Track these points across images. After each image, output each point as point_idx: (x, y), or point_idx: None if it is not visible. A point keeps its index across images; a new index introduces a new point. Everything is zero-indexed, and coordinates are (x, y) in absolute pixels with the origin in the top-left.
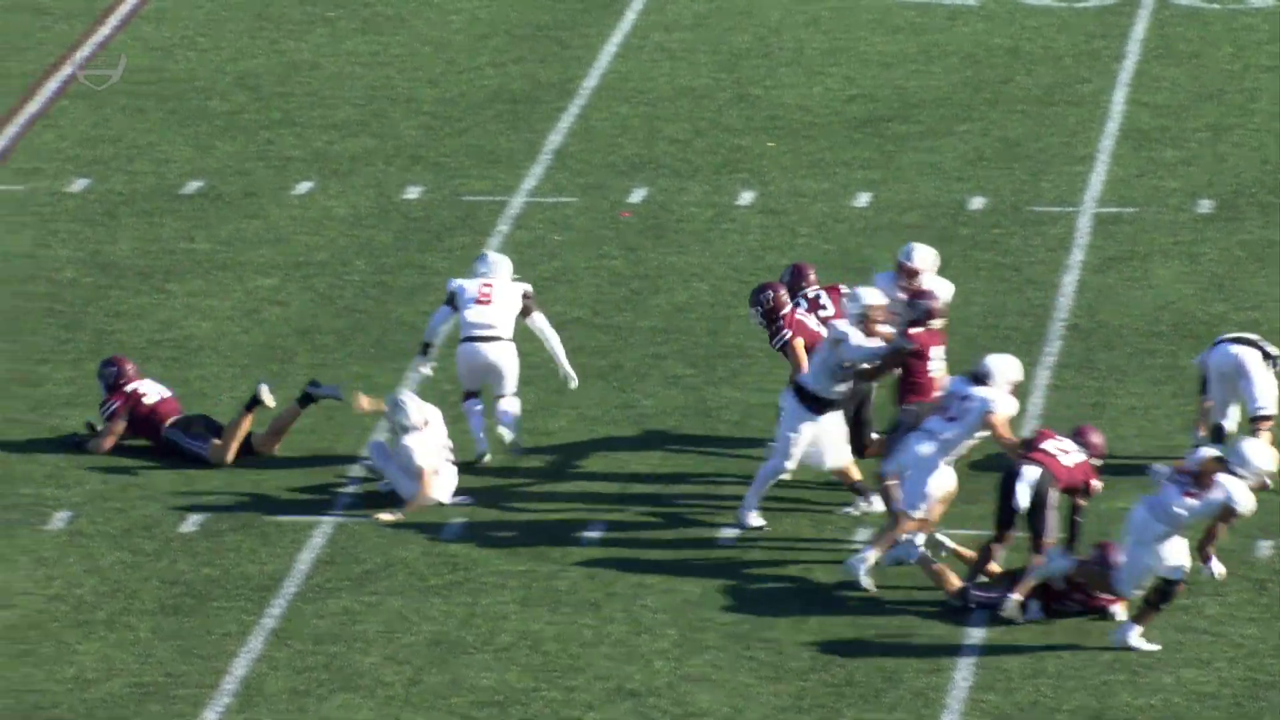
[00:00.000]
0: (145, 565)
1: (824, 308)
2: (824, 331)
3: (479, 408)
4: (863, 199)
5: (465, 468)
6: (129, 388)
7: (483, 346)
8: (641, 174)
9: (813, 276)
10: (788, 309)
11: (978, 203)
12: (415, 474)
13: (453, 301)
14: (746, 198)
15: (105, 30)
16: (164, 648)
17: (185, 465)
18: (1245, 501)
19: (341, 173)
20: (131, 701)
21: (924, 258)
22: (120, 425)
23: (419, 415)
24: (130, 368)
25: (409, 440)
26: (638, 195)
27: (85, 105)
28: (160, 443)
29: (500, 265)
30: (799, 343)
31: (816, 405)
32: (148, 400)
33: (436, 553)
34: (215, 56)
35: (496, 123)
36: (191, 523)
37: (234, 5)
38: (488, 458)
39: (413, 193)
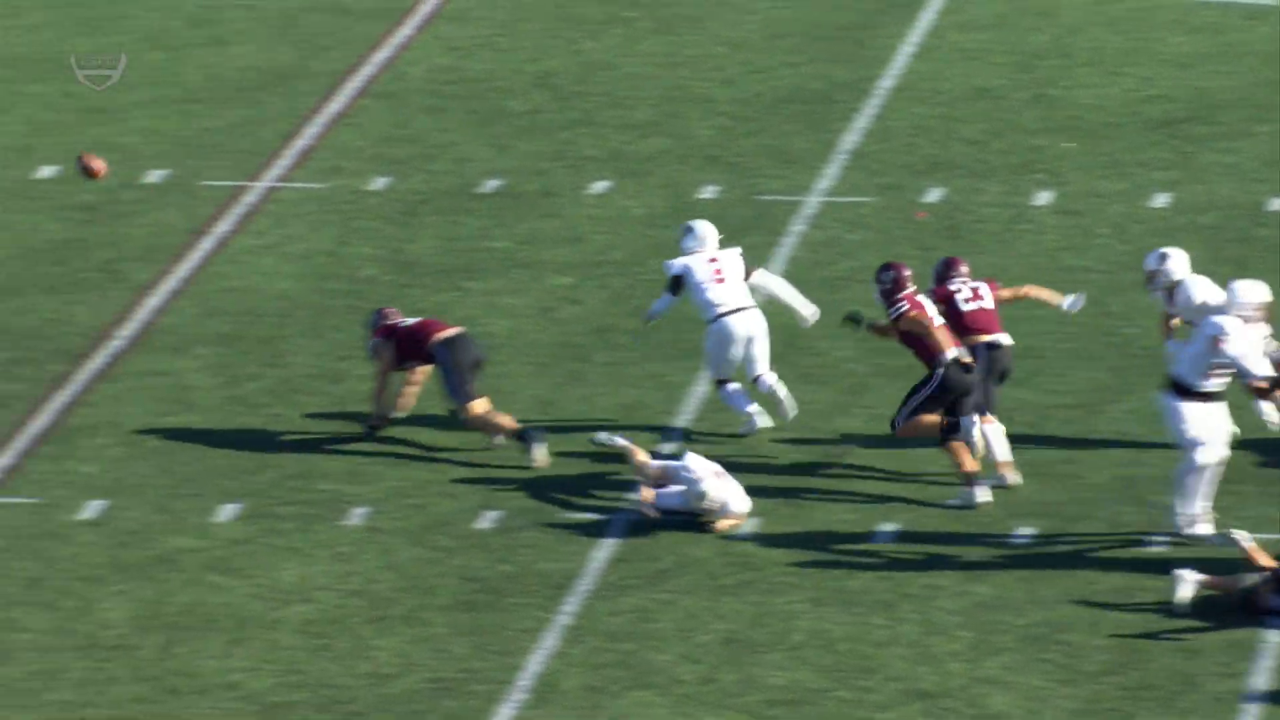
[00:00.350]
0: (442, 561)
1: (981, 299)
2: (931, 312)
3: (735, 386)
4: (1160, 200)
5: (753, 470)
6: (390, 318)
7: (737, 319)
8: (937, 174)
9: (964, 269)
10: (907, 290)
11: (1277, 204)
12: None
13: (676, 287)
14: (1043, 198)
15: (406, 30)
16: (460, 643)
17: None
18: None
19: (638, 172)
20: (427, 697)
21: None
22: (387, 354)
23: (704, 470)
24: (390, 310)
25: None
26: (933, 195)
27: (386, 105)
28: (427, 358)
29: (711, 235)
30: (913, 315)
31: (1193, 396)
32: (405, 324)
33: (729, 552)
34: (514, 57)
35: (792, 123)
36: (488, 519)
37: (533, 6)
38: (756, 428)
39: (708, 192)
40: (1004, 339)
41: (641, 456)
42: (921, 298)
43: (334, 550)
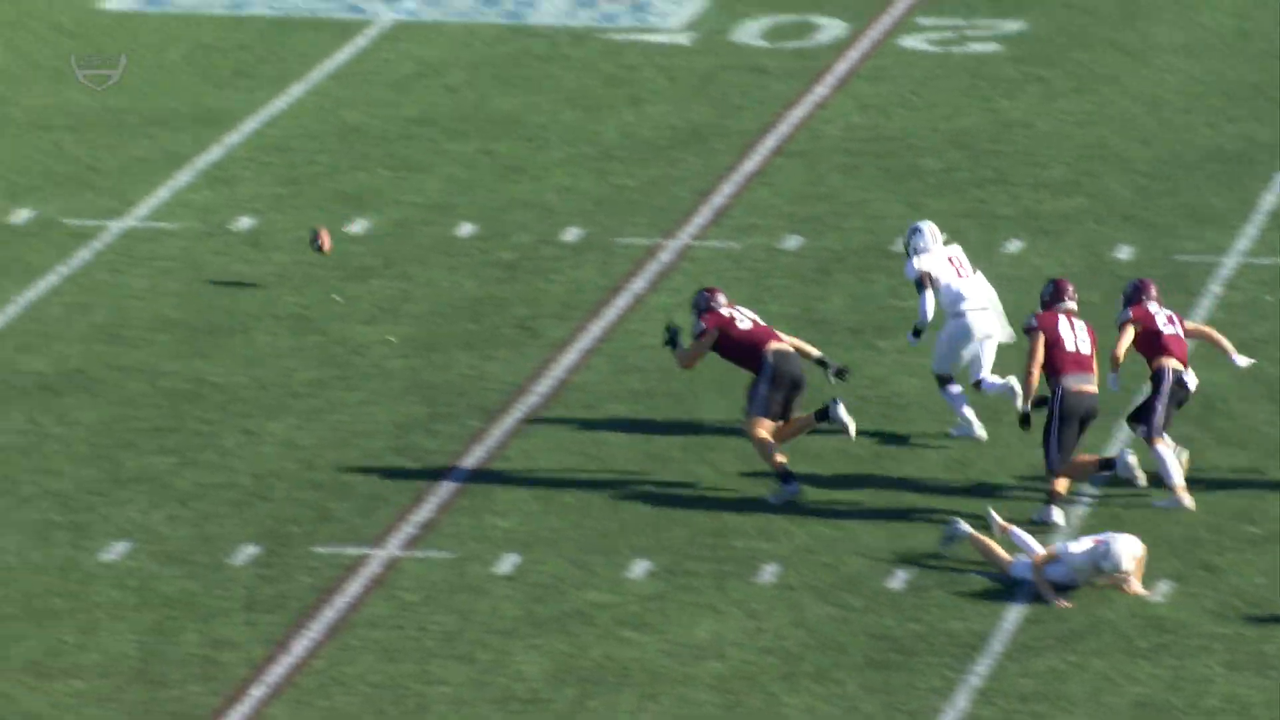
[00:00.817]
0: (853, 620)
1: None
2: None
3: (958, 389)
4: None
5: (1158, 525)
6: (724, 312)
7: (979, 317)
8: None
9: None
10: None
11: None
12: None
13: (922, 286)
14: None
15: (822, 90)
16: (870, 702)
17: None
18: None
19: (1051, 231)
20: None
21: None
22: (707, 343)
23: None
24: (721, 296)
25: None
26: None
27: (800, 163)
28: (758, 365)
29: (938, 234)
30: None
31: None
32: (741, 325)
33: (1141, 614)
34: (929, 115)
35: (1210, 182)
36: (898, 578)
37: (949, 64)
38: (974, 433)
39: (1123, 252)
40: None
41: (999, 553)
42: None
43: (746, 607)
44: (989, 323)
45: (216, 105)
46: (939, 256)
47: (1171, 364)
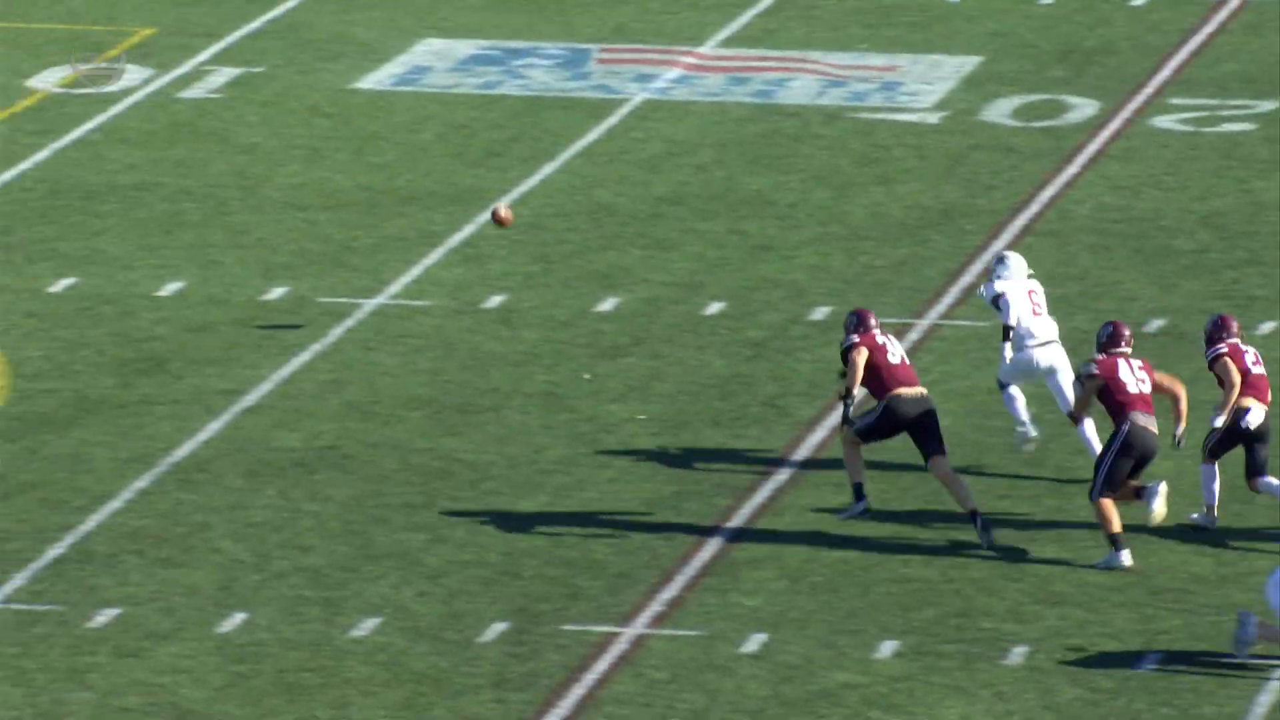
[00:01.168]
0: (1103, 703)
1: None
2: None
3: (1017, 391)
4: None
5: None
6: (876, 335)
7: (1042, 351)
8: None
9: (1235, 327)
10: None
11: None
12: None
13: (999, 304)
14: None
15: (1072, 169)
16: None
17: None
18: None
19: None
20: None
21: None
22: (860, 359)
23: None
24: (873, 320)
25: None
26: None
27: (1051, 243)
28: (880, 400)
29: (1022, 267)
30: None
31: None
32: (890, 357)
33: None
34: (1181, 195)
35: None
36: (1149, 660)
37: (1201, 144)
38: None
39: None
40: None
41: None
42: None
43: (995, 689)
44: (1053, 355)
45: (469, 184)
46: (1020, 287)
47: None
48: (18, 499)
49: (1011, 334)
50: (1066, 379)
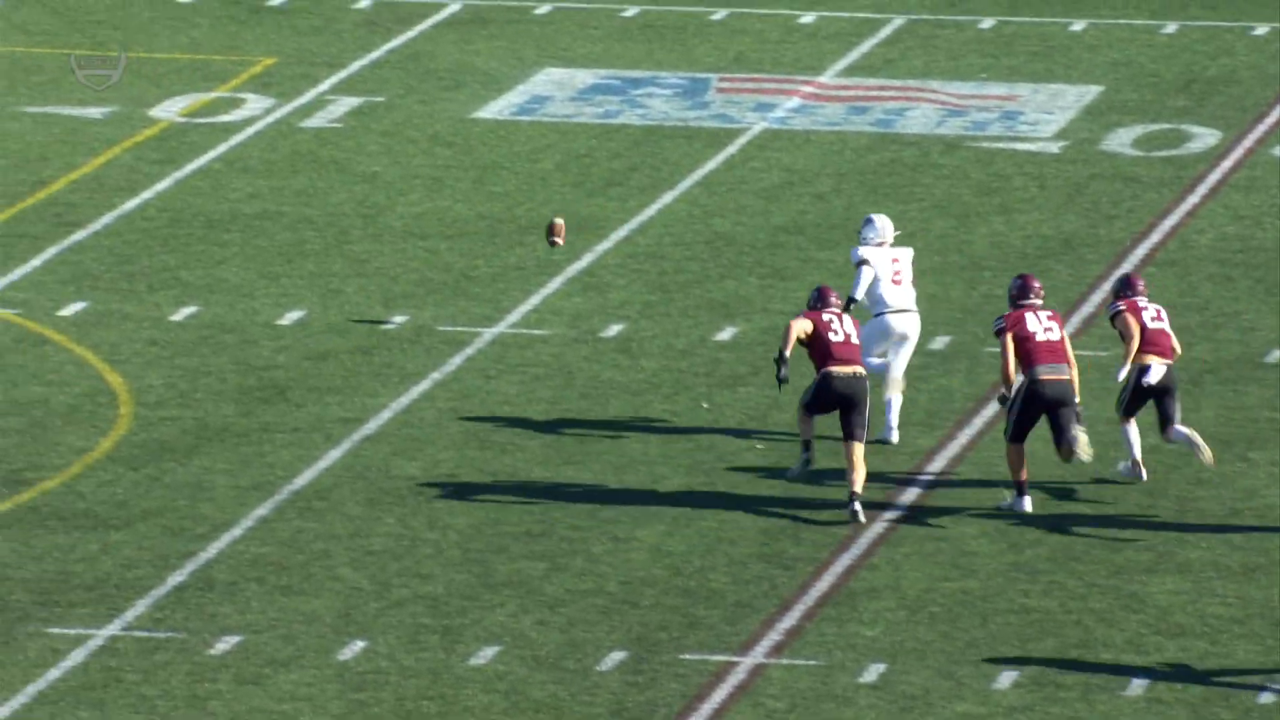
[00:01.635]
0: None
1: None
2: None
3: (881, 361)
4: None
5: None
6: (824, 314)
7: (897, 318)
8: None
9: (1140, 286)
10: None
11: None
12: None
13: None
14: None
15: (1193, 199)
16: None
17: None
18: None
19: None
20: None
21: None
22: (793, 326)
23: None
24: (834, 298)
25: None
26: None
27: (1172, 273)
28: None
29: (889, 230)
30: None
31: None
32: (833, 335)
33: None
34: None
35: None
36: (1271, 693)
37: None
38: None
39: None
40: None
41: None
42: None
43: None
44: (908, 324)
45: (589, 212)
46: (884, 255)
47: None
48: (140, 526)
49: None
50: (911, 347)
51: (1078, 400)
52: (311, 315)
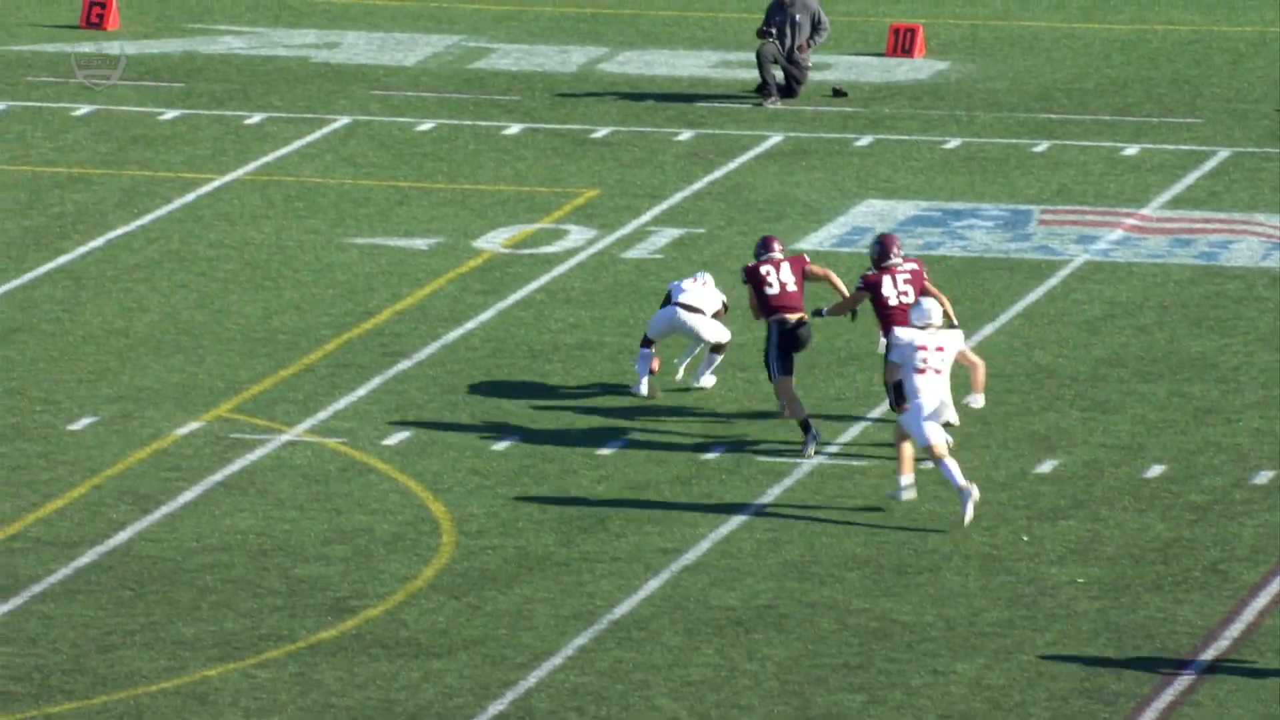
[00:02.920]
0: None
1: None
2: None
3: (649, 352)
4: None
5: None
6: (762, 267)
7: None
8: None
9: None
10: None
11: None
12: None
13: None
14: None
15: None
16: None
17: None
18: None
19: None
20: None
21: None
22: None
23: None
24: (776, 245)
25: None
26: None
27: None
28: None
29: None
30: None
31: None
32: (769, 289)
33: None
34: None
35: None
36: None
37: None
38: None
39: None
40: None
41: None
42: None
43: None
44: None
45: None
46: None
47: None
48: (461, 655)
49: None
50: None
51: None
52: (631, 444)
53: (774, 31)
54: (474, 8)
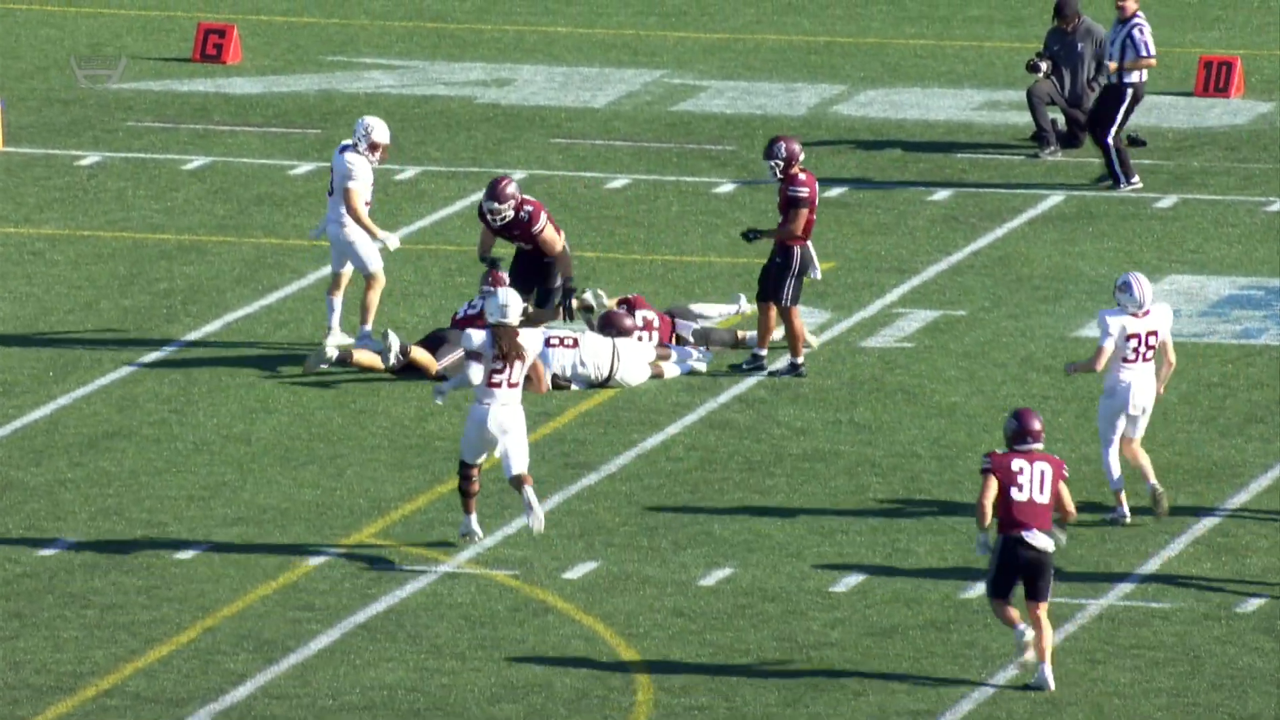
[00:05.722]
0: None
1: None
2: None
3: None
4: None
5: None
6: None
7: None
8: None
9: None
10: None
11: None
12: None
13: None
14: None
15: None
16: None
17: None
18: None
19: None
20: None
21: None
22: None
23: None
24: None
25: None
26: None
27: None
28: None
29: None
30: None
31: None
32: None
33: None
34: None
35: None
36: None
37: None
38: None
39: None
40: None
41: None
42: None
43: None
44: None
45: (1221, 456)
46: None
47: None
48: None
49: None
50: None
51: None
52: (873, 580)
53: (1049, 65)
54: (679, 35)
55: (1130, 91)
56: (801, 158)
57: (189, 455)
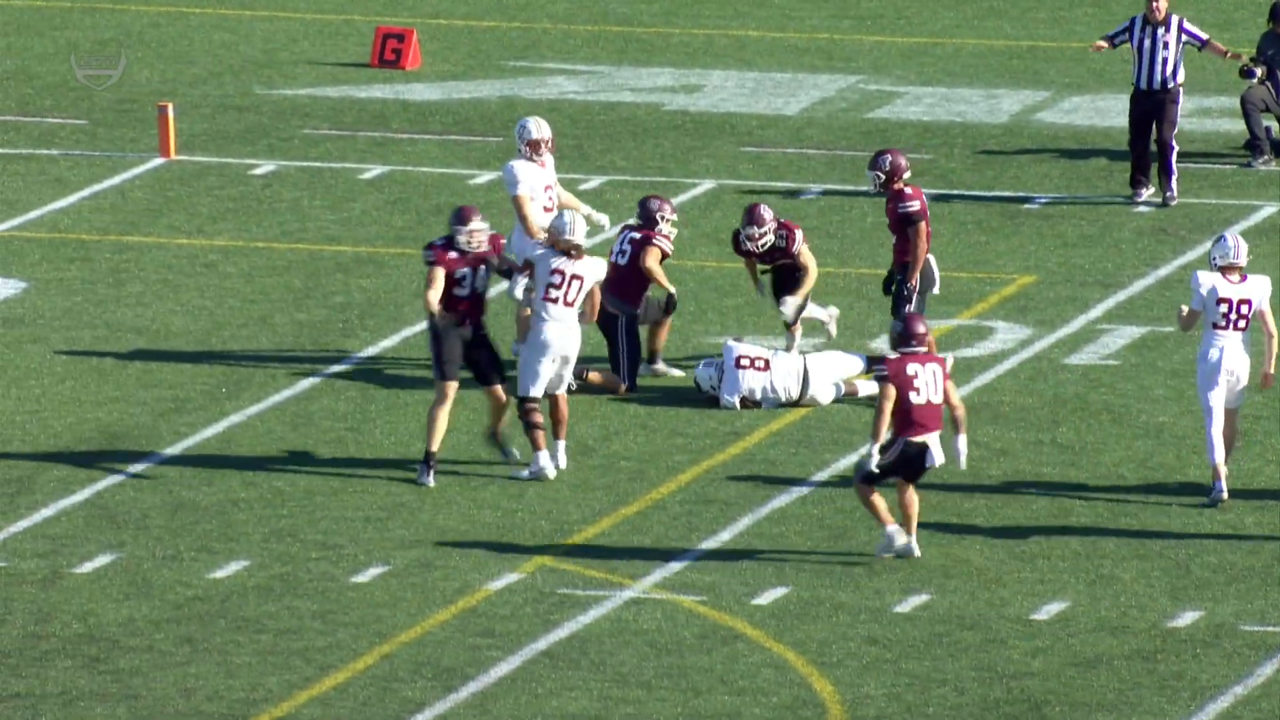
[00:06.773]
0: None
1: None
2: None
3: None
4: None
5: None
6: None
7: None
8: None
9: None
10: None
11: None
12: None
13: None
14: None
15: None
16: None
17: None
18: None
19: None
20: None
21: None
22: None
23: None
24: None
25: None
26: None
27: None
28: None
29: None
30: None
31: None
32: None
33: None
34: None
35: None
36: None
37: None
38: None
39: None
40: None
41: None
42: None
43: None
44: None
45: None
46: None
47: None
48: None
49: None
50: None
51: None
52: (1078, 608)
53: (1264, 71)
54: (875, 39)
55: None
56: (907, 174)
57: (366, 475)
